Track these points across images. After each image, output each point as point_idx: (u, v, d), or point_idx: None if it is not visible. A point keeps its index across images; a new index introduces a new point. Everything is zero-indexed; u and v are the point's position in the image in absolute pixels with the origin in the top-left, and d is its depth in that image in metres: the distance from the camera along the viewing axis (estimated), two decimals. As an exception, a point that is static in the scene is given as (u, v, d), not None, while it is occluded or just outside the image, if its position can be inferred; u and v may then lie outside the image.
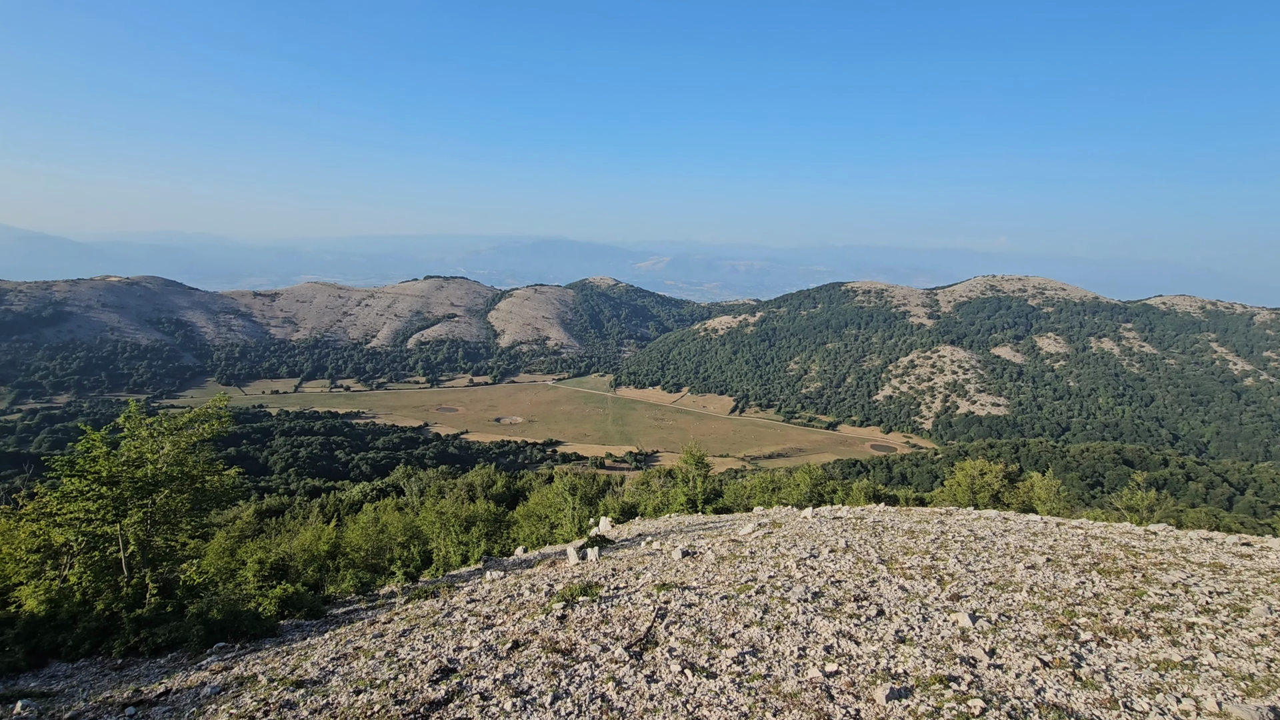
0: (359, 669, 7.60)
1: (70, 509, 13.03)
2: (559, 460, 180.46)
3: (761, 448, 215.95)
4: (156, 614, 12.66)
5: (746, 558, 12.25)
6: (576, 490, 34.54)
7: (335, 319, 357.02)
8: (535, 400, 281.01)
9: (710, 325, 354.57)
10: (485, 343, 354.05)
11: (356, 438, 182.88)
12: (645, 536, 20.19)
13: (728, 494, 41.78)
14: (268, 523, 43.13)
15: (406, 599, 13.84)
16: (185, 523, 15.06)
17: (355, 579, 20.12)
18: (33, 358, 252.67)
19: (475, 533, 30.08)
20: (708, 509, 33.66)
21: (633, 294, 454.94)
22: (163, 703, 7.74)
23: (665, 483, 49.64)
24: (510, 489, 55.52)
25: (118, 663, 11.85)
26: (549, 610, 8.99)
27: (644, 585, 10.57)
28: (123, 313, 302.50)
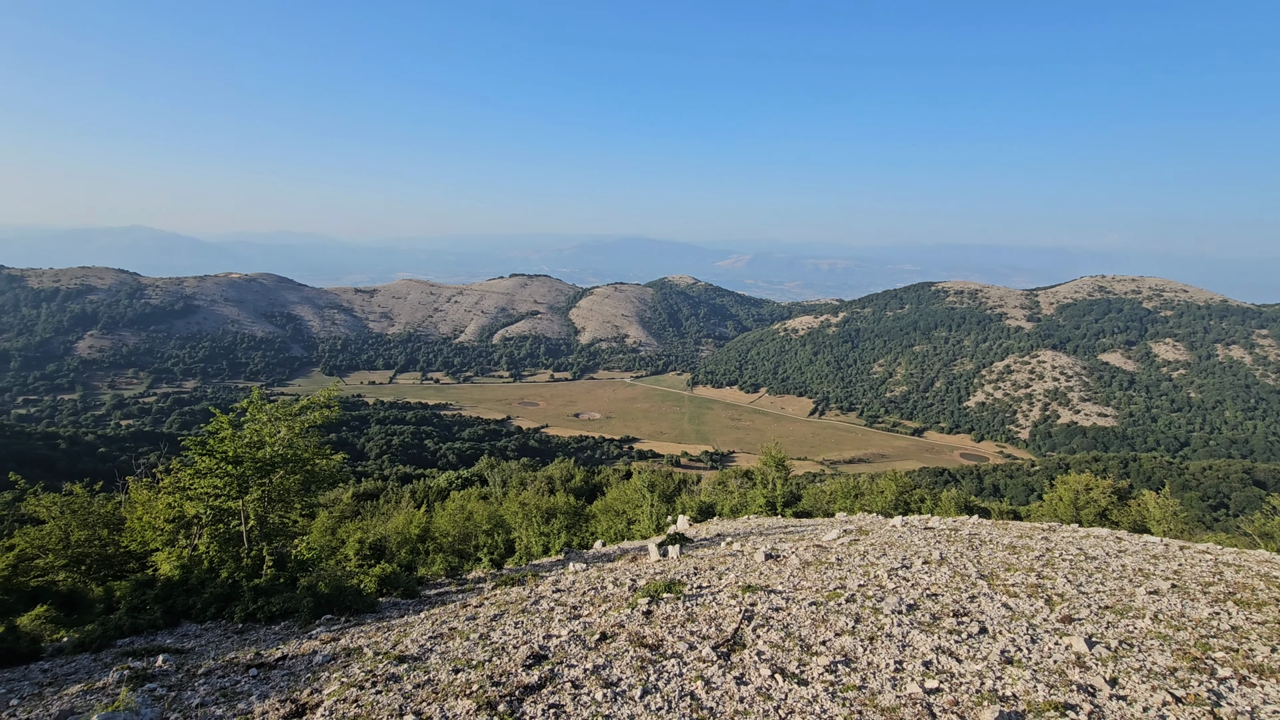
0: (455, 649, 7.94)
1: (201, 484, 14.33)
2: (635, 457, 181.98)
3: (841, 452, 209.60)
4: (271, 584, 13.73)
5: (833, 564, 11.91)
6: (655, 488, 34.72)
7: (427, 314, 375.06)
8: (613, 397, 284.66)
9: (790, 325, 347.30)
10: (566, 339, 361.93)
11: (444, 428, 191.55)
12: (724, 537, 20.04)
13: (807, 498, 40.83)
14: (364, 505, 45.87)
15: (494, 585, 14.34)
16: (296, 501, 16.26)
17: (445, 562, 21.09)
18: (166, 346, 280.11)
19: (556, 525, 30.78)
20: (787, 512, 33.03)
21: (711, 293, 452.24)
22: (280, 667, 8.36)
23: (742, 483, 49.08)
24: (588, 483, 56.51)
25: (238, 627, 12.94)
26: (634, 605, 9.07)
27: (727, 586, 10.48)
28: (242, 306, 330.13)
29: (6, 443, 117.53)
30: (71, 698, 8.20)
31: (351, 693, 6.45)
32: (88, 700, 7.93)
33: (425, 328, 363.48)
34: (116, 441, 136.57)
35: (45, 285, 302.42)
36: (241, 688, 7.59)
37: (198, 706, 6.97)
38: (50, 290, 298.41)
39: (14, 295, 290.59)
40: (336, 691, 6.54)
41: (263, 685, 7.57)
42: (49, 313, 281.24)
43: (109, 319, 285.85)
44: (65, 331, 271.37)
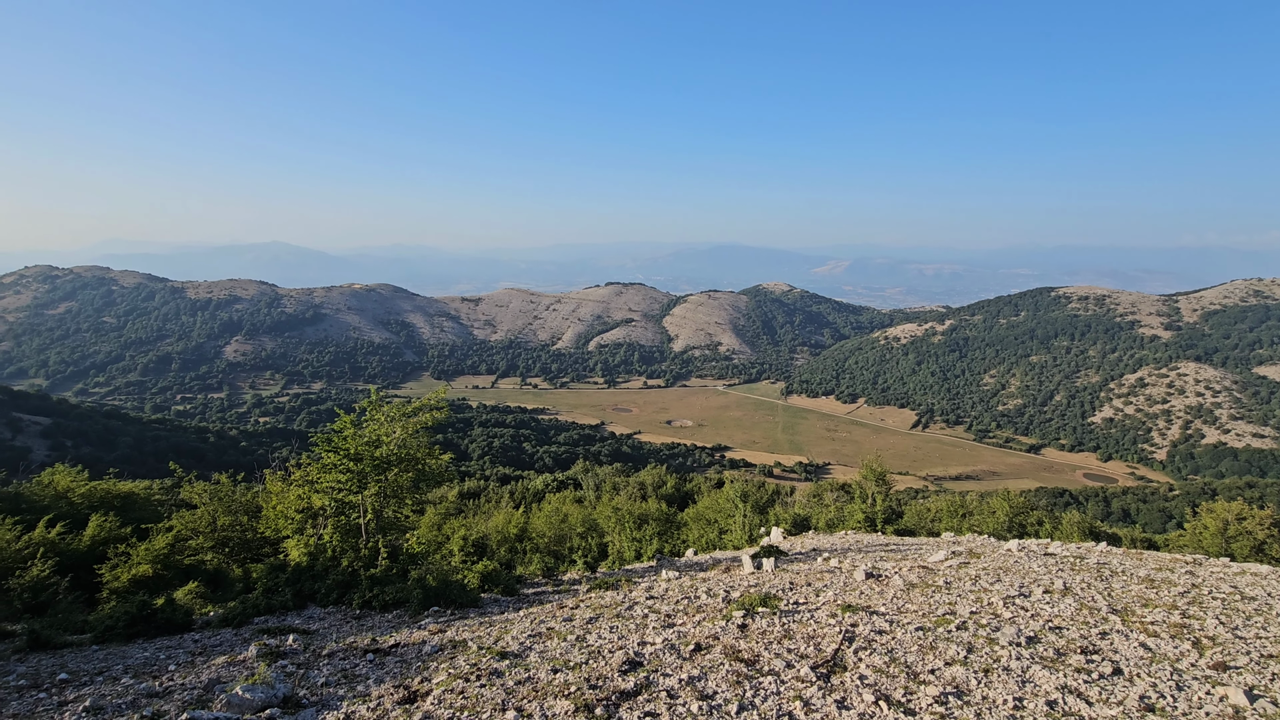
0: (553, 649, 8.16)
1: (326, 479, 15.57)
2: (727, 465, 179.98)
3: (947, 467, 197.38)
4: (385, 575, 14.68)
5: (941, 588, 11.24)
6: (748, 498, 34.13)
7: (527, 322, 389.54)
8: (705, 405, 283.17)
9: (892, 333, 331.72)
10: (659, 347, 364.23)
11: (541, 432, 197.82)
12: (821, 552, 19.40)
13: (909, 515, 38.76)
14: (467, 504, 48.14)
15: (588, 588, 14.62)
16: (408, 498, 17.30)
17: (541, 563, 21.72)
18: (298, 351, 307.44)
19: (648, 531, 30.94)
20: (888, 529, 31.54)
21: (807, 300, 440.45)
22: (394, 653, 8.92)
23: (839, 497, 47.27)
24: (680, 490, 56.42)
25: (356, 613, 13.92)
26: (728, 617, 8.96)
27: (826, 604, 10.13)
28: (362, 314, 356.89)
29: (168, 435, 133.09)
30: (218, 668, 9.14)
31: (458, 684, 6.77)
32: (231, 671, 8.79)
33: (525, 335, 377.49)
34: (255, 437, 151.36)
35: (200, 296, 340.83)
36: (360, 671, 8.17)
37: (322, 685, 7.56)
38: (204, 300, 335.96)
39: (176, 305, 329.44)
40: (444, 682, 6.89)
41: (378, 670, 8.10)
42: (202, 320, 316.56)
43: (251, 326, 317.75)
44: (215, 337, 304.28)
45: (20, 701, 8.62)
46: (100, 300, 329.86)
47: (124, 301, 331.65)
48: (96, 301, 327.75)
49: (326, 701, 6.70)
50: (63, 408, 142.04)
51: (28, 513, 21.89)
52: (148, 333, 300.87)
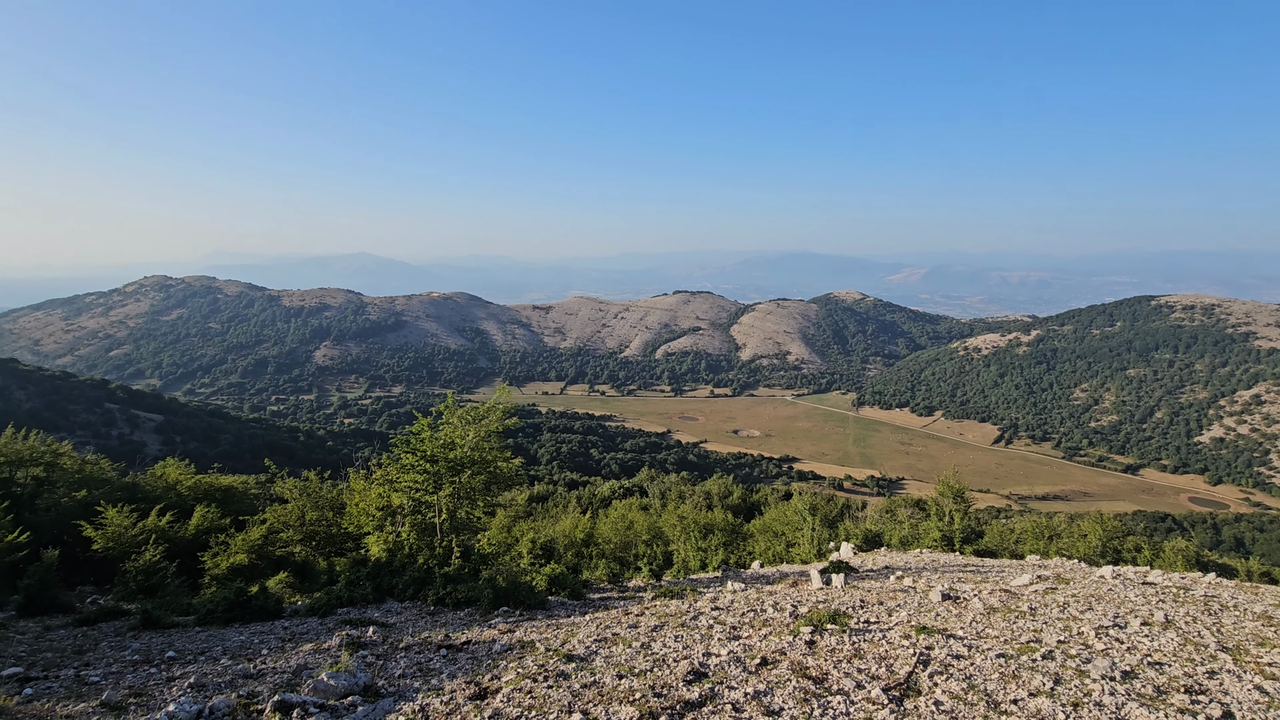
0: (618, 654, 8.23)
1: (405, 479, 16.32)
2: (795, 477, 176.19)
3: (1032, 486, 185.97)
4: (458, 573, 15.21)
5: (1025, 613, 10.62)
6: (817, 511, 33.33)
7: (595, 330, 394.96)
8: (773, 415, 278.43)
9: (972, 344, 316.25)
10: (726, 355, 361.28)
11: (608, 439, 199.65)
12: (894, 570, 18.71)
13: (990, 535, 36.78)
14: (535, 507, 49.13)
15: (653, 595, 14.64)
16: (480, 499, 17.89)
17: (607, 568, 21.91)
18: (379, 356, 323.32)
19: (713, 541, 30.67)
20: (966, 549, 30.06)
21: (881, 308, 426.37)
22: (466, 650, 9.23)
23: (914, 514, 45.35)
24: (746, 501, 55.60)
25: (430, 608, 14.47)
26: (796, 633, 8.78)
27: (899, 624, 9.77)
28: (439, 322, 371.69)
29: (263, 434, 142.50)
30: (305, 654, 9.71)
31: (526, 684, 6.94)
32: (317, 658, 9.33)
33: (593, 342, 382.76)
34: (340, 437, 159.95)
35: (293, 304, 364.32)
36: (434, 665, 8.50)
37: (399, 677, 7.92)
38: (297, 308, 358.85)
39: (272, 312, 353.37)
40: (513, 681, 7.08)
41: (451, 665, 8.40)
42: (295, 327, 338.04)
43: (339, 332, 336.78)
44: (306, 342, 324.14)
45: (135, 675, 9.44)
46: (207, 307, 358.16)
47: (227, 309, 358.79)
48: (204, 309, 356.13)
49: (403, 693, 7.01)
50: (173, 406, 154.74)
51: (142, 502, 23.95)
52: (247, 338, 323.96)
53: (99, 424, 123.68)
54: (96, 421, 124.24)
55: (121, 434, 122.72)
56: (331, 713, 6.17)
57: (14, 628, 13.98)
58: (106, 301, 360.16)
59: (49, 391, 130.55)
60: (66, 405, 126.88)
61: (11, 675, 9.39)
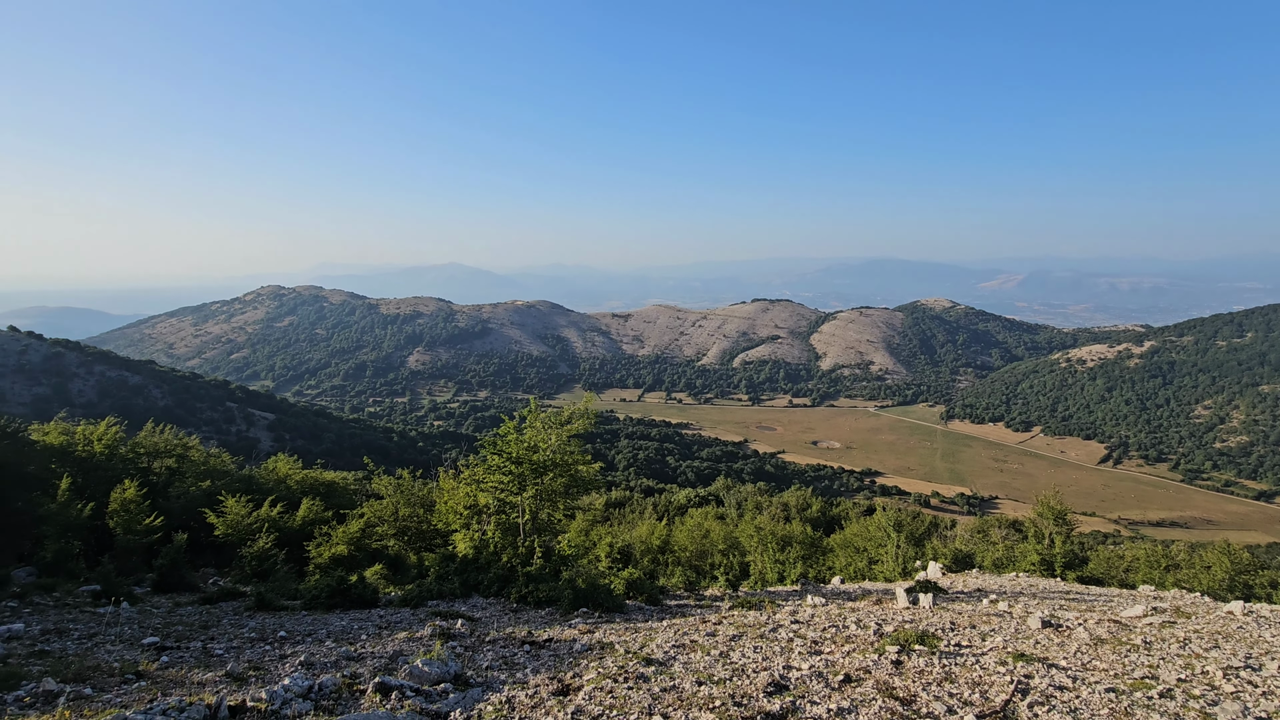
0: (697, 661, 8.26)
1: (491, 479, 16.97)
2: (877, 492, 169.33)
3: (1145, 511, 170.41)
4: (540, 573, 15.65)
5: (1138, 647, 9.81)
6: (902, 527, 31.95)
7: (673, 338, 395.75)
8: (854, 426, 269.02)
9: (1075, 355, 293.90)
10: (806, 365, 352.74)
11: (684, 447, 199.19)
12: (986, 593, 17.71)
13: (1096, 562, 34.00)
14: (612, 512, 49.72)
15: (731, 605, 14.53)
16: (561, 502, 18.33)
17: (683, 576, 21.90)
18: (467, 362, 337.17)
19: (791, 554, 30.00)
20: (1069, 575, 27.99)
21: (972, 317, 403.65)
22: (547, 648, 9.51)
23: (1008, 535, 42.61)
24: (825, 515, 53.98)
25: (513, 606, 14.96)
26: (881, 651, 8.50)
27: (993, 649, 9.26)
28: (522, 329, 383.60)
29: (361, 433, 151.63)
30: (400, 642, 10.29)
31: (607, 684, 7.09)
32: (411, 646, 9.87)
33: (671, 350, 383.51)
34: (430, 438, 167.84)
35: (390, 312, 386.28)
36: (518, 660, 8.82)
37: (486, 669, 8.27)
38: (393, 315, 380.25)
39: (371, 319, 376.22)
40: (594, 680, 7.24)
41: (534, 661, 8.69)
42: (391, 334, 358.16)
43: (430, 339, 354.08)
44: (401, 348, 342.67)
45: (252, 650, 10.32)
46: (314, 315, 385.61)
47: (332, 316, 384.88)
48: (311, 316, 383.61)
49: (490, 684, 7.32)
50: (283, 406, 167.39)
51: (256, 493, 26.08)
52: (348, 343, 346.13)
53: (220, 420, 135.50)
54: (218, 418, 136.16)
55: (239, 430, 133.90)
56: (426, 698, 6.53)
57: (150, 602, 15.57)
58: (229, 309, 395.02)
59: (180, 390, 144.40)
60: (194, 403, 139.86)
61: (151, 644, 10.49)
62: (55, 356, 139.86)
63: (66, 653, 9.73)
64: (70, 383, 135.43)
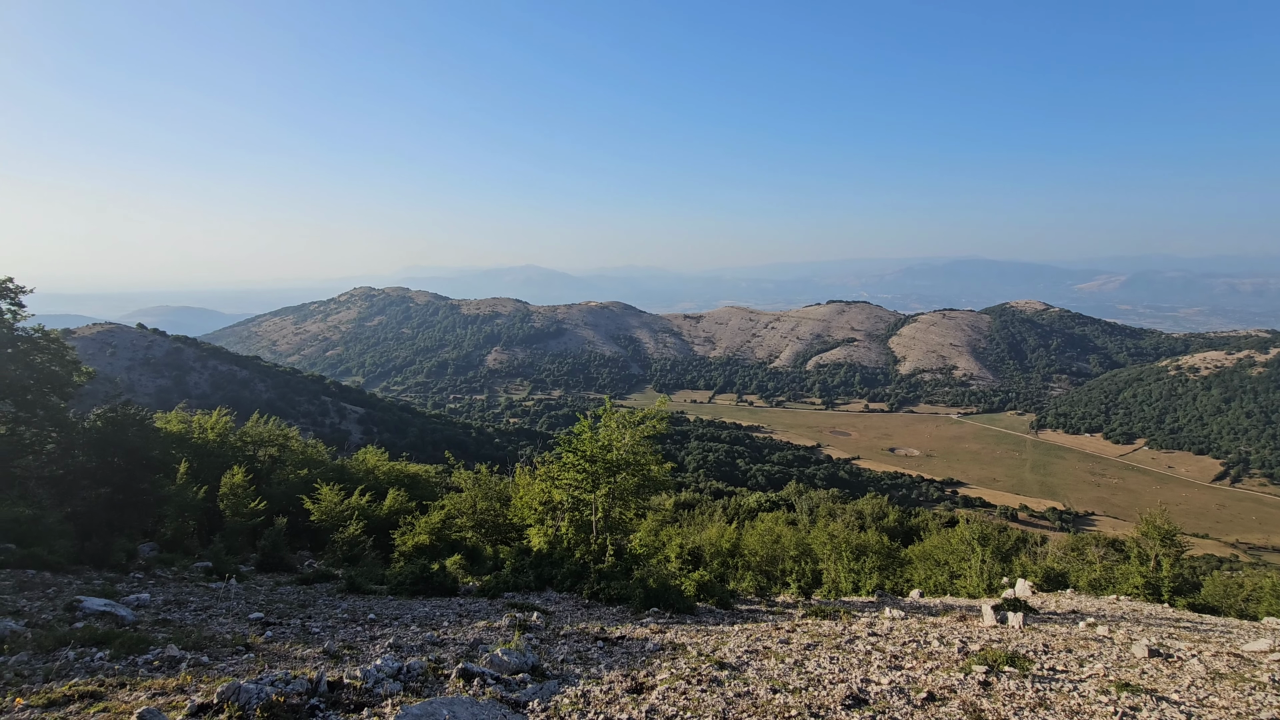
0: (770, 668, 8.15)
1: (565, 476, 17.34)
2: (959, 503, 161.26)
3: (1269, 535, 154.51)
4: (611, 570, 15.85)
5: (1264, 685, 8.92)
6: (988, 541, 30.28)
7: (745, 340, 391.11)
8: (935, 433, 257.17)
9: (1187, 362, 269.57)
10: (883, 369, 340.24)
11: (755, 450, 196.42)
12: (1083, 616, 16.58)
13: (1210, 587, 31.09)
14: (682, 514, 49.61)
15: (804, 613, 14.24)
16: (632, 501, 18.51)
17: (754, 581, 21.62)
18: (542, 361, 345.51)
19: (866, 563, 29.06)
20: (1179, 601, 25.73)
21: (1067, 320, 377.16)
22: (620, 645, 9.63)
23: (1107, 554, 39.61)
24: (903, 525, 51.87)
25: (585, 602, 15.22)
26: (967, 670, 8.12)
27: (1093, 676, 8.66)
28: (595, 330, 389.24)
29: (442, 429, 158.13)
30: (479, 630, 10.68)
31: (680, 685, 7.11)
32: (490, 635, 10.23)
33: (743, 352, 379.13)
34: (506, 434, 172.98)
35: (470, 312, 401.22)
36: (591, 655, 8.97)
37: (561, 662, 8.47)
38: (473, 315, 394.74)
39: (452, 319, 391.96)
40: (668, 680, 7.28)
41: (608, 658, 8.82)
42: (471, 333, 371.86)
43: (507, 338, 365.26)
44: (480, 347, 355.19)
45: (345, 631, 10.97)
46: (401, 315, 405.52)
47: (417, 316, 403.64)
48: (398, 316, 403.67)
49: (566, 677, 7.49)
50: (371, 400, 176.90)
51: (347, 482, 27.67)
52: (431, 342, 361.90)
53: (316, 413, 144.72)
54: (314, 411, 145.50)
55: (332, 422, 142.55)
56: (505, 686, 6.76)
57: (254, 580, 16.83)
58: (325, 309, 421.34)
59: (281, 385, 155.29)
60: (293, 396, 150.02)
61: (256, 619, 11.35)
62: (175, 351, 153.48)
63: (185, 623, 10.66)
64: (188, 375, 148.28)
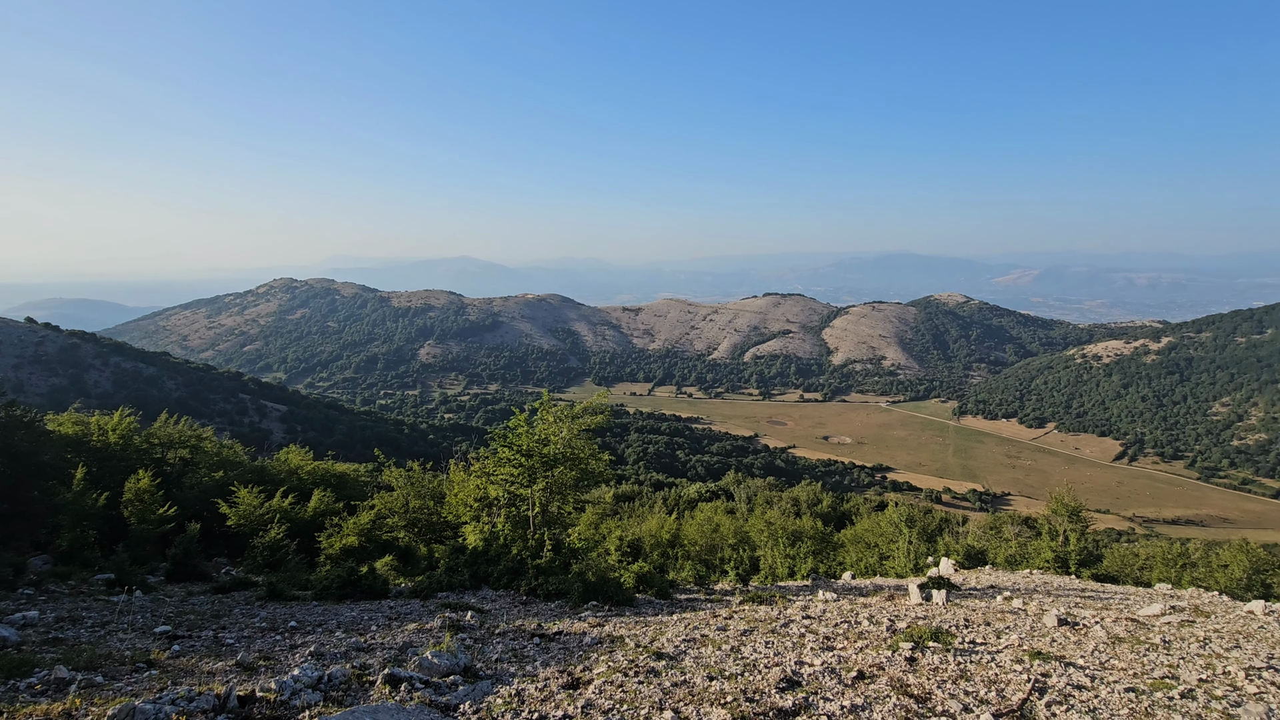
0: (708, 656, 8.16)
1: (501, 471, 16.95)
2: (889, 488, 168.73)
3: (1160, 509, 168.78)
4: (549, 566, 15.62)
5: (1157, 646, 9.61)
6: (914, 523, 31.74)
7: (684, 332, 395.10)
8: (866, 421, 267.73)
9: (1091, 351, 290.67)
10: (817, 359, 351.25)
11: (694, 441, 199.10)
12: (1000, 590, 17.55)
13: (1110, 559, 33.68)
14: (622, 506, 49.73)
15: (741, 600, 14.44)
16: (571, 495, 18.31)
17: (693, 570, 21.81)
18: (477, 355, 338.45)
19: (801, 548, 29.89)
20: (1084, 572, 27.73)
21: (986, 312, 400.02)
22: (557, 640, 9.46)
23: (1021, 531, 42.31)
24: (836, 510, 53.80)
25: (523, 598, 14.95)
26: (895, 648, 8.37)
27: (1009, 647, 9.11)
28: (533, 323, 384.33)
29: (372, 425, 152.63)
30: (409, 633, 10.27)
31: (617, 678, 7.01)
32: (420, 637, 9.84)
33: (681, 344, 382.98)
34: (440, 430, 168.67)
35: (401, 305, 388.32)
36: (527, 653, 8.76)
37: (495, 661, 8.22)
38: (404, 308, 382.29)
39: (382, 312, 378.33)
40: (604, 674, 7.17)
41: (544, 654, 8.63)
42: (402, 326, 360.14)
43: (441, 331, 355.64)
44: (412, 340, 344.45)
45: (263, 640, 10.33)
46: (326, 308, 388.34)
47: (344, 308, 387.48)
48: (323, 308, 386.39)
49: (500, 676, 7.26)
50: (295, 398, 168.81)
51: (268, 484, 26.23)
52: (360, 336, 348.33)
53: (233, 412, 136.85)
54: (231, 410, 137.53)
55: (252, 421, 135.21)
56: (435, 689, 6.48)
57: (163, 591, 15.69)
58: (242, 302, 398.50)
59: (194, 382, 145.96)
60: (208, 394, 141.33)
61: (162, 632, 10.54)
62: (71, 348, 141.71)
63: (79, 640, 9.79)
64: (86, 374, 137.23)
